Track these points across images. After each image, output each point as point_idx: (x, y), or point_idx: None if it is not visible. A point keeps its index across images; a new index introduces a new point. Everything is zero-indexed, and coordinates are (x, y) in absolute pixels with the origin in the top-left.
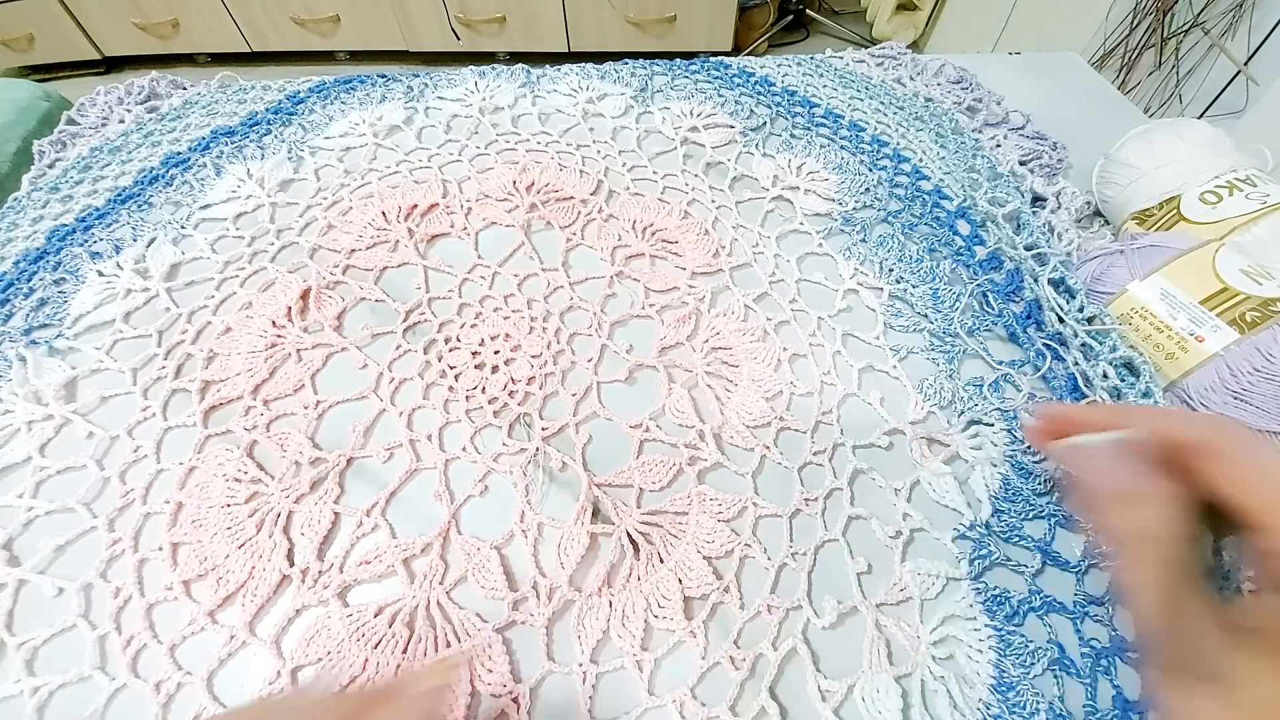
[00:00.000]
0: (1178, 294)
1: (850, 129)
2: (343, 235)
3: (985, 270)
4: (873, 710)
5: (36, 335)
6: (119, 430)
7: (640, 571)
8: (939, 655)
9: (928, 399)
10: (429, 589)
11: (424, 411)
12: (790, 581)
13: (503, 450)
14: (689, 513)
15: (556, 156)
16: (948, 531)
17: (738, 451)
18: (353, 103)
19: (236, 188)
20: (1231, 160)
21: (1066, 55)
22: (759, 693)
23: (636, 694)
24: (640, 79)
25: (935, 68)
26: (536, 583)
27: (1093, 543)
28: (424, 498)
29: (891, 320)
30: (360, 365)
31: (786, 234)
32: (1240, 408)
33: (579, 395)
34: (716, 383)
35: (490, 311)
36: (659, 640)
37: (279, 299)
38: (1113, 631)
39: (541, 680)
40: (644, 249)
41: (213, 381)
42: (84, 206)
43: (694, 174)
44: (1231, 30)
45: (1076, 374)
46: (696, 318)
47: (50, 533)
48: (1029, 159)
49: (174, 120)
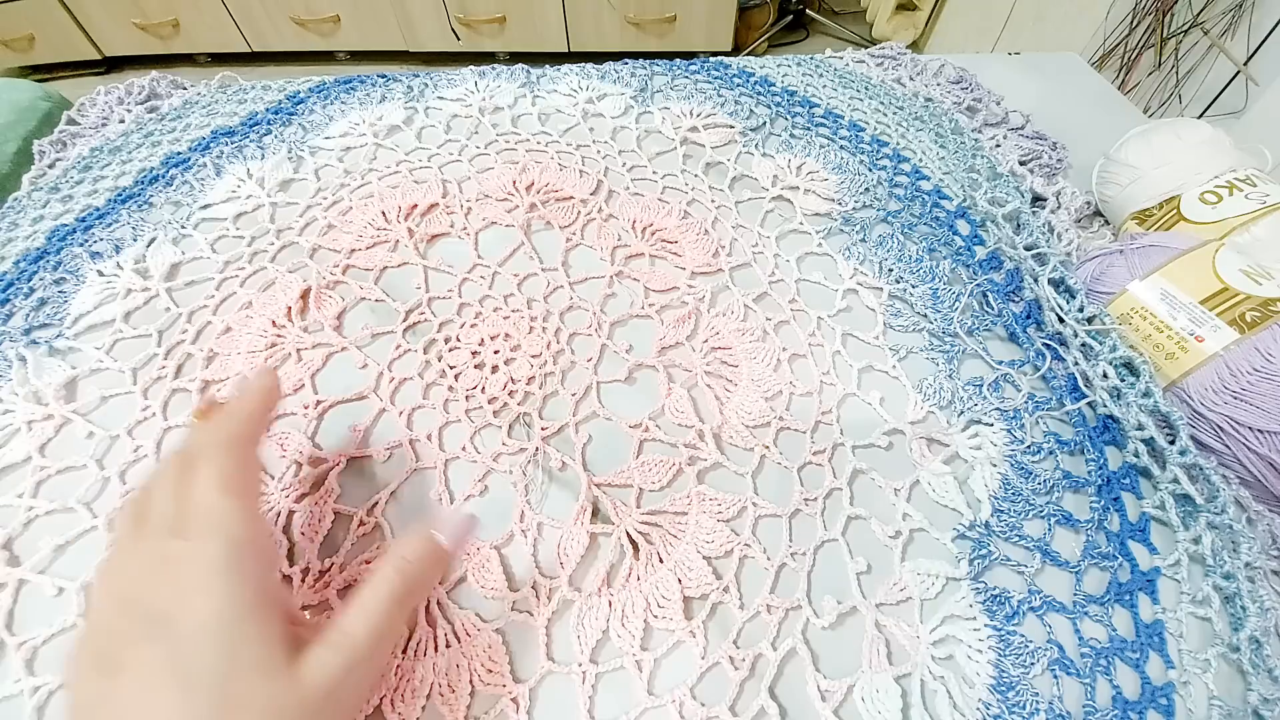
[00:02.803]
0: (1178, 294)
1: (850, 129)
2: (343, 235)
3: (985, 270)
4: (872, 710)
5: (36, 335)
6: (119, 430)
7: (640, 571)
8: (938, 655)
9: (927, 399)
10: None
11: (424, 411)
12: (790, 581)
13: (502, 450)
14: (688, 513)
15: (556, 156)
16: (947, 531)
17: (737, 451)
18: (353, 103)
19: (236, 188)
20: (1231, 160)
21: (1066, 55)
22: (758, 693)
23: (636, 694)
24: (640, 79)
25: (935, 68)
26: (536, 582)
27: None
28: (423, 498)
29: (891, 320)
30: (360, 365)
31: (786, 234)
32: (1240, 408)
33: (579, 395)
34: (716, 382)
35: (490, 311)
36: (658, 640)
37: (279, 299)
38: (1112, 631)
39: (541, 680)
40: (644, 249)
41: (213, 381)
42: (84, 206)
43: (694, 174)
44: (1231, 30)
45: (1076, 374)
46: (696, 317)
47: (50, 532)
48: (1029, 159)
49: (174, 120)
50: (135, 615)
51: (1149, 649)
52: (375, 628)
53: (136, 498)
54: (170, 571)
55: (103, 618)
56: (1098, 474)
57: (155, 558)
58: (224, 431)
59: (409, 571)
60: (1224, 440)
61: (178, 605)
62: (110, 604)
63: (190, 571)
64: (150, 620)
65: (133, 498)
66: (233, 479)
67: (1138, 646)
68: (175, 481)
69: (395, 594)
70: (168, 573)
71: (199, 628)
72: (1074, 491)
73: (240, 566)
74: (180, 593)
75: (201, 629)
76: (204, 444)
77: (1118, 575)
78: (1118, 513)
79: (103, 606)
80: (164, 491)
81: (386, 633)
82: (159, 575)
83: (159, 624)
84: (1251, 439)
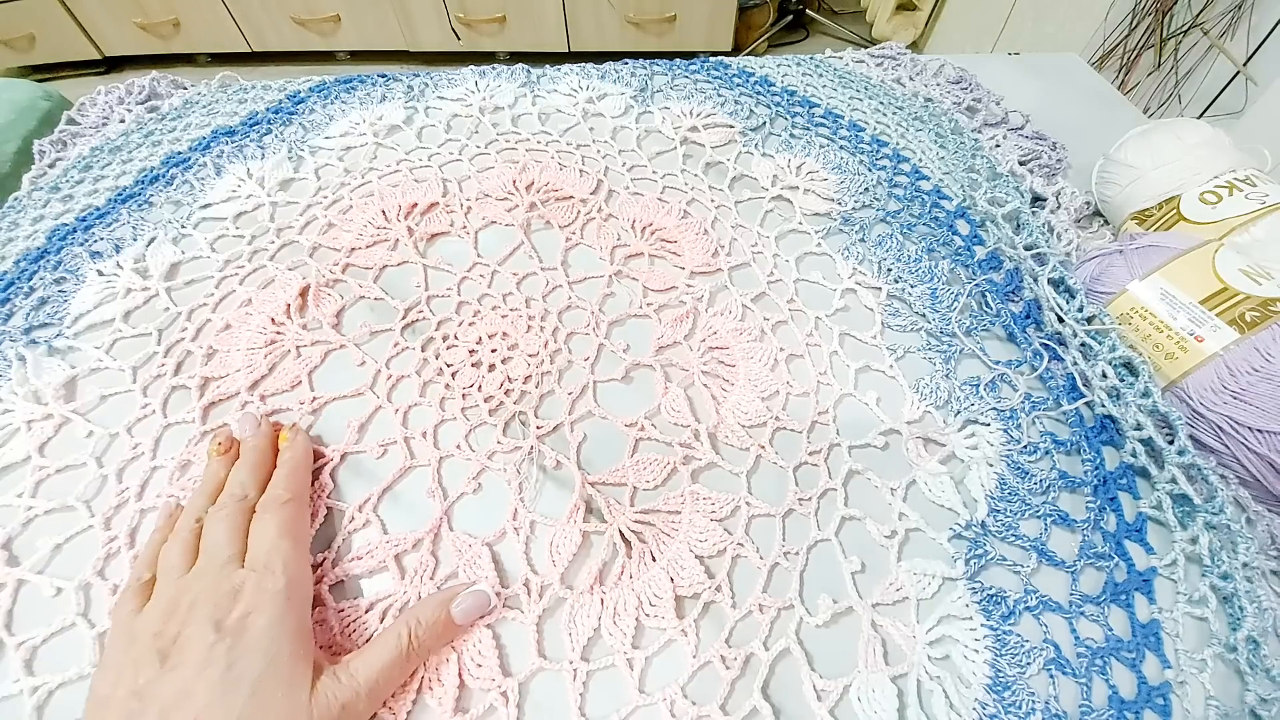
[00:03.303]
0: (1177, 294)
1: (850, 129)
2: (343, 234)
3: (984, 270)
4: (868, 710)
5: (36, 334)
6: (118, 428)
7: (632, 570)
8: (935, 655)
9: (924, 398)
10: (419, 585)
11: (420, 409)
12: (782, 581)
13: (497, 448)
14: (682, 512)
15: (556, 156)
16: (943, 531)
17: (732, 451)
18: (353, 102)
19: (237, 187)
20: (1231, 160)
21: (1066, 55)
22: (750, 692)
23: (627, 692)
24: (640, 79)
25: (935, 68)
26: (528, 580)
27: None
28: (417, 494)
29: (889, 320)
30: (358, 362)
31: (785, 234)
32: (1240, 408)
33: (575, 394)
34: (713, 382)
35: (488, 310)
36: (650, 638)
37: (278, 296)
38: (1108, 631)
39: (532, 677)
40: (643, 248)
41: (212, 378)
42: (84, 206)
43: (693, 174)
44: (1231, 31)
45: (1075, 374)
46: (694, 317)
47: (49, 532)
48: (1028, 159)
49: (174, 120)
50: (203, 622)
51: (1145, 649)
52: (375, 678)
53: (185, 536)
54: (236, 593)
55: (170, 624)
56: (1094, 474)
57: (223, 581)
58: (288, 492)
59: (418, 635)
60: (1223, 440)
61: (240, 619)
62: (178, 612)
63: (253, 595)
64: (217, 628)
65: (183, 536)
66: (289, 526)
67: (1134, 646)
68: (233, 524)
69: (401, 652)
70: (234, 594)
71: (255, 639)
72: (1070, 491)
73: (292, 598)
74: (245, 610)
75: (257, 641)
76: (269, 499)
77: (1114, 575)
78: (1114, 513)
79: (169, 612)
80: (222, 528)
81: (385, 683)
82: (226, 595)
83: (224, 632)
84: (1251, 439)
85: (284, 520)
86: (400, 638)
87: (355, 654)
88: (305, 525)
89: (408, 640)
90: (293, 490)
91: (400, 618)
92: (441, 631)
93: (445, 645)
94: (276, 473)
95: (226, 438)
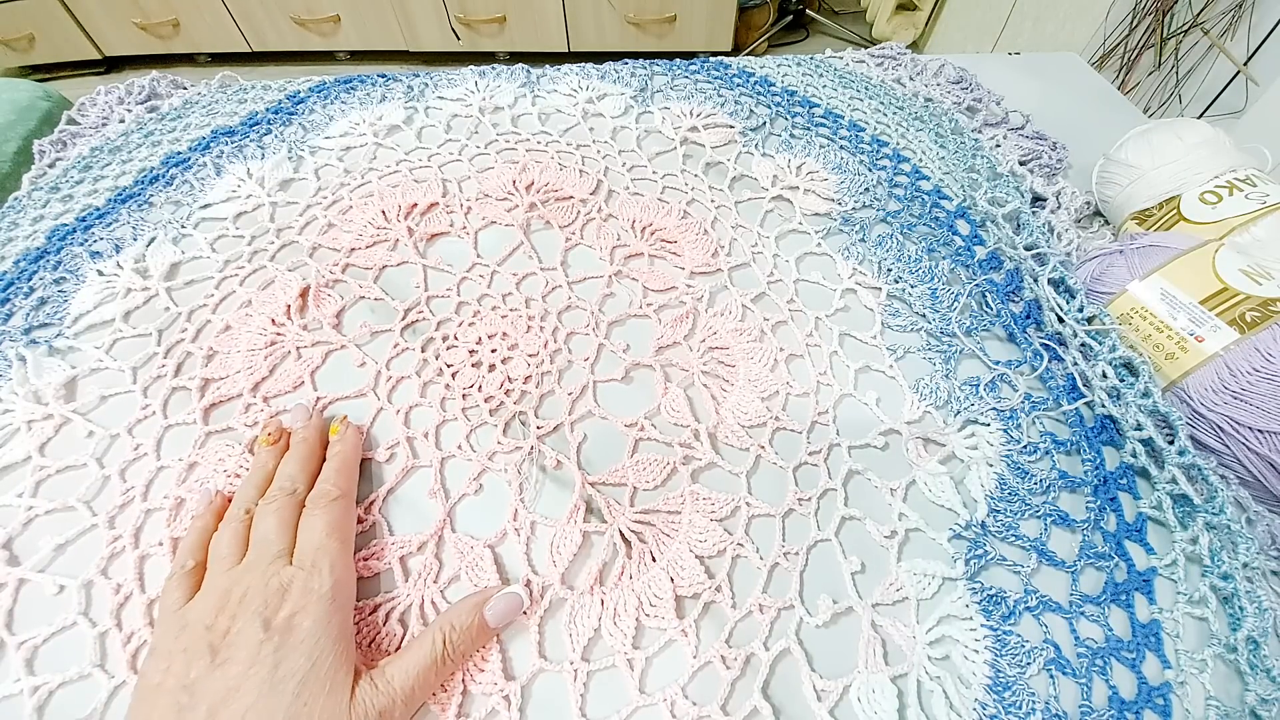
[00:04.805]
0: (1178, 294)
1: (850, 129)
2: (342, 234)
3: (984, 270)
4: (868, 710)
5: (36, 335)
6: (119, 429)
7: (632, 570)
8: (935, 655)
9: (924, 399)
10: (423, 587)
11: (421, 409)
12: (782, 581)
13: (498, 449)
14: (682, 512)
15: (556, 156)
16: (943, 531)
17: (732, 451)
18: (353, 102)
19: (236, 187)
20: (1231, 160)
21: (1066, 55)
22: (751, 692)
23: (628, 692)
24: (640, 79)
25: (935, 68)
26: (529, 581)
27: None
28: (420, 495)
29: (889, 320)
30: (359, 363)
31: (785, 234)
32: (1240, 408)
33: (575, 394)
34: (713, 382)
35: (488, 310)
36: (650, 639)
37: (278, 297)
38: (1108, 631)
39: (533, 678)
40: (643, 248)
41: (212, 379)
42: (84, 206)
43: (693, 174)
44: (1231, 30)
45: (1075, 374)
46: (694, 317)
47: (50, 531)
48: (1029, 159)
49: (174, 120)
50: (253, 618)
51: (1145, 649)
52: (411, 684)
53: (236, 527)
54: (284, 591)
55: (221, 617)
56: (1094, 474)
57: (273, 577)
58: (337, 488)
59: (453, 640)
60: (1224, 440)
61: (287, 619)
62: (229, 605)
63: (300, 595)
64: (266, 626)
65: (233, 526)
66: (337, 526)
67: (1134, 647)
68: (283, 518)
69: (436, 657)
70: (282, 591)
71: (300, 641)
72: (1070, 491)
73: (336, 599)
74: (292, 610)
75: (302, 643)
76: (318, 494)
77: (1114, 575)
78: (1114, 513)
79: (220, 604)
80: (273, 521)
81: (420, 690)
82: (275, 592)
83: (272, 630)
84: (1251, 439)
85: (333, 518)
86: (435, 644)
87: (390, 660)
88: (352, 523)
89: (443, 646)
90: (341, 486)
91: (434, 623)
92: (475, 635)
93: (479, 649)
94: (326, 467)
95: (276, 428)
